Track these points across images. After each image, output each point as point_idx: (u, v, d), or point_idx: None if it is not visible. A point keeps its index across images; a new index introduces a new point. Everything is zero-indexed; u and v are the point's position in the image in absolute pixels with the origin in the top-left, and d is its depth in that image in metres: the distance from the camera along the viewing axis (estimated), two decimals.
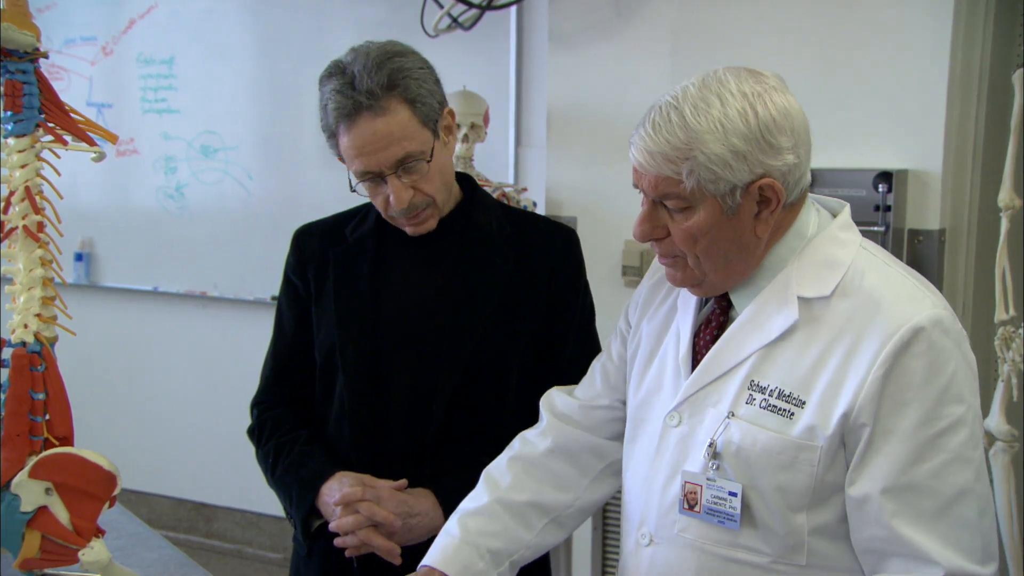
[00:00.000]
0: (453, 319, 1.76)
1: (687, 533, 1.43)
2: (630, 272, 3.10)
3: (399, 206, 1.67)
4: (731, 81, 1.34)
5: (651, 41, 3.05)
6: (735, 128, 1.31)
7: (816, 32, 2.79)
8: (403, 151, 1.64)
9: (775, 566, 1.37)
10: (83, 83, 4.41)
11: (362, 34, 3.67)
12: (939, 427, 1.29)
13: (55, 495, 1.47)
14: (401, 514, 1.68)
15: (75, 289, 4.47)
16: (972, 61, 2.76)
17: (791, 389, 1.35)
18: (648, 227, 1.40)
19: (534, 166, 3.54)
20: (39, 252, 1.53)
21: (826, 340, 1.35)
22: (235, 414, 2.27)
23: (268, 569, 4.34)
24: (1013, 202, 2.60)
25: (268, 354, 1.93)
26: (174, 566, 1.88)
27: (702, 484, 1.40)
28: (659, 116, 1.35)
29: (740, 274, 1.42)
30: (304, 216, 1.95)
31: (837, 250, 1.40)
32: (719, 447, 1.39)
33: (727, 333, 1.43)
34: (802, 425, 1.33)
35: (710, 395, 1.42)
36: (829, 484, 1.34)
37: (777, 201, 1.35)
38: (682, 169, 1.32)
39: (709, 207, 1.34)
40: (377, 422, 1.77)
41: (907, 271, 1.41)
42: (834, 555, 1.37)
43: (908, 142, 2.73)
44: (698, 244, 1.37)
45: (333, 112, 1.63)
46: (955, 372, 1.30)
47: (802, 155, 1.36)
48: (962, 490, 1.29)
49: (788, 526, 1.36)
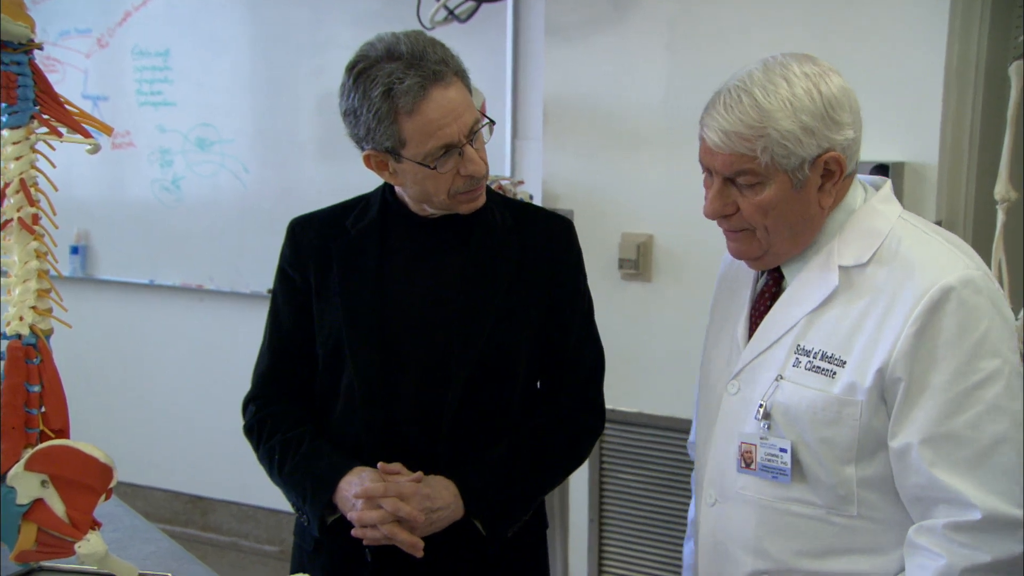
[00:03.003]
0: (463, 309, 1.76)
1: (746, 491, 1.55)
2: (627, 265, 3.11)
3: (481, 170, 1.70)
4: (793, 64, 1.46)
5: (648, 34, 3.05)
6: (803, 106, 1.42)
7: (812, 25, 2.80)
8: (473, 117, 1.68)
9: (829, 517, 1.48)
10: (78, 75, 4.40)
11: (358, 26, 3.71)
12: (974, 380, 1.37)
13: (51, 487, 1.48)
14: (424, 509, 1.68)
15: (71, 282, 4.46)
16: (968, 53, 2.76)
17: (833, 350, 1.46)
18: (719, 204, 1.51)
19: (530, 159, 3.54)
20: (34, 244, 1.53)
21: (864, 304, 1.46)
22: (231, 407, 2.27)
23: (264, 561, 4.35)
24: (1009, 194, 2.60)
25: (263, 349, 1.90)
26: (170, 558, 1.86)
27: (756, 444, 1.52)
28: (729, 98, 1.45)
29: (802, 244, 1.53)
30: (300, 209, 1.93)
31: (876, 221, 1.50)
32: (768, 408, 1.51)
33: (777, 304, 1.56)
34: (843, 383, 1.44)
35: (764, 362, 1.54)
36: (873, 438, 1.44)
37: (840, 173, 1.47)
38: (756, 146, 1.43)
39: (780, 181, 1.45)
40: (389, 413, 1.77)
41: (948, 238, 1.50)
42: (883, 507, 1.46)
43: (904, 135, 2.74)
44: (768, 216, 1.48)
45: (407, 91, 1.61)
46: (989, 328, 1.39)
47: (859, 131, 1.48)
48: (1000, 438, 1.37)
49: (837, 477, 1.46)
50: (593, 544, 3.27)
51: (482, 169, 1.70)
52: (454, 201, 1.73)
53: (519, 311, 1.79)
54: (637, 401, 3.13)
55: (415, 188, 1.73)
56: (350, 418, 1.79)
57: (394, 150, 1.67)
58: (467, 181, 1.70)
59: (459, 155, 1.66)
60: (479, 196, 1.75)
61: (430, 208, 1.77)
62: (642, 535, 3.21)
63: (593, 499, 3.24)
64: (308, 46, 3.94)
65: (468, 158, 1.67)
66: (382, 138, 1.66)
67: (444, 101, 1.63)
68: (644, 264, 3.11)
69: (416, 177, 1.69)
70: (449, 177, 1.69)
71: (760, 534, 1.54)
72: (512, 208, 1.87)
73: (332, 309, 1.79)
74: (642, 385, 3.12)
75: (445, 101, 1.63)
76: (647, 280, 3.13)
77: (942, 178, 2.75)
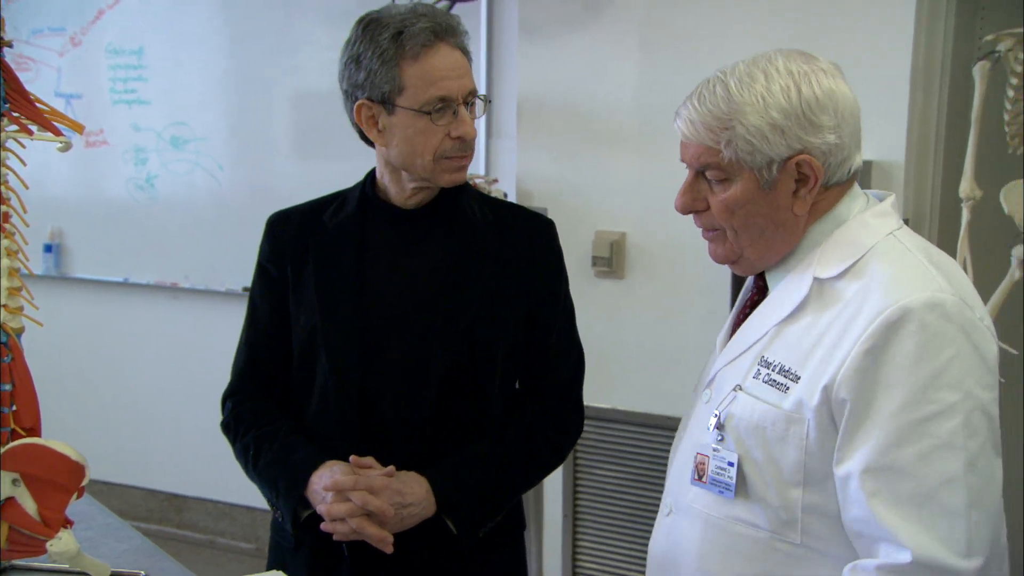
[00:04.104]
0: (442, 302, 1.76)
1: (695, 503, 1.48)
2: (600, 263, 3.13)
3: (472, 133, 1.71)
4: (780, 60, 1.39)
5: (619, 33, 3.08)
6: (776, 102, 1.36)
7: (780, 26, 2.82)
8: (472, 85, 1.71)
9: (772, 541, 1.40)
10: (52, 73, 4.37)
11: (331, 25, 3.73)
12: (927, 411, 1.27)
13: (23, 486, 1.47)
14: (395, 504, 1.67)
15: (44, 280, 4.44)
16: (934, 54, 2.80)
17: (791, 364, 1.39)
18: (689, 198, 1.46)
19: (505, 157, 3.55)
20: (5, 242, 1.52)
21: (828, 318, 1.37)
22: (207, 405, 2.27)
23: (240, 558, 4.33)
24: (974, 193, 2.64)
25: (241, 344, 1.90)
26: (143, 556, 1.85)
27: (708, 455, 1.45)
28: (705, 88, 1.41)
29: (777, 252, 1.45)
30: (274, 206, 1.93)
31: (862, 234, 1.41)
32: (723, 419, 1.44)
33: (754, 313, 1.49)
34: (793, 399, 1.36)
35: (730, 372, 1.48)
36: (822, 463, 1.35)
37: (815, 179, 1.38)
38: (721, 139, 1.38)
39: (746, 180, 1.39)
40: (364, 410, 1.76)
41: (934, 259, 1.40)
42: (829, 539, 1.37)
43: (872, 134, 2.71)
44: (734, 216, 1.42)
45: (417, 34, 1.64)
46: (953, 358, 1.28)
47: (846, 138, 1.38)
48: (948, 479, 1.26)
49: (781, 499, 1.38)
50: (567, 540, 3.29)
51: (472, 132, 1.71)
52: (438, 167, 1.71)
53: (498, 308, 1.78)
54: (611, 397, 3.15)
55: (402, 147, 1.70)
56: (325, 414, 1.78)
57: (389, 98, 1.67)
58: (455, 144, 1.69)
59: (453, 114, 1.68)
60: (463, 167, 1.74)
61: (409, 180, 1.75)
62: (616, 531, 3.23)
63: (567, 495, 3.25)
64: (282, 45, 3.94)
65: (461, 119, 1.69)
66: (381, 82, 1.66)
67: (450, 57, 1.67)
68: (617, 262, 3.14)
69: (406, 132, 1.68)
70: (439, 134, 1.68)
71: (705, 551, 1.46)
72: (493, 206, 1.87)
73: (308, 304, 1.78)
74: (616, 381, 3.13)
75: (452, 58, 1.67)
76: (620, 277, 3.16)
77: (909, 177, 2.78)
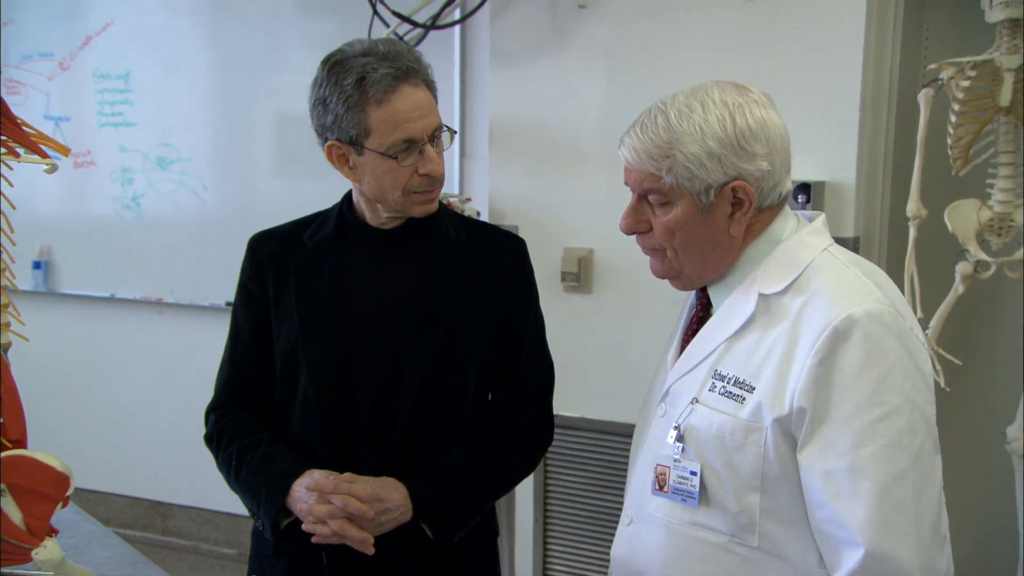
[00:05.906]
0: (416, 320, 1.79)
1: (657, 512, 1.54)
2: (568, 278, 3.19)
3: (439, 171, 1.75)
4: (715, 92, 1.46)
5: (587, 59, 3.14)
6: (713, 132, 1.43)
7: (736, 50, 2.90)
8: (436, 122, 1.74)
9: (730, 545, 1.46)
10: (40, 97, 4.41)
11: (312, 49, 3.80)
12: (876, 413, 1.35)
13: (8, 496, 1.47)
14: (374, 508, 1.69)
15: (33, 296, 4.48)
16: (882, 80, 2.87)
17: (745, 376, 1.45)
18: (633, 220, 1.53)
19: (478, 177, 3.59)
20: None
21: (777, 332, 1.44)
22: (191, 415, 2.30)
23: (223, 564, 4.36)
24: (920, 212, 2.72)
25: (224, 360, 1.93)
26: (127, 564, 1.88)
27: (670, 466, 1.51)
28: (647, 118, 1.48)
29: (715, 270, 1.53)
30: (257, 224, 1.97)
31: (800, 251, 1.49)
32: (683, 431, 1.50)
33: (703, 328, 1.55)
34: (750, 409, 1.43)
35: (684, 385, 1.54)
36: (779, 468, 1.42)
37: (749, 203, 1.46)
38: (662, 166, 1.45)
39: (686, 204, 1.46)
40: (344, 419, 1.79)
41: (867, 272, 1.49)
42: (786, 543, 1.44)
43: (824, 156, 2.83)
44: (675, 238, 1.49)
45: (379, 80, 1.66)
46: (893, 364, 1.37)
47: (777, 165, 1.47)
48: (898, 475, 1.35)
49: (740, 504, 1.44)
50: (538, 542, 3.33)
51: (439, 169, 1.74)
52: (408, 201, 1.75)
53: (471, 324, 1.82)
54: (579, 406, 3.20)
55: (372, 184, 1.75)
56: (306, 427, 1.81)
57: (357, 140, 1.70)
58: (423, 180, 1.73)
59: (419, 153, 1.71)
60: (433, 199, 1.79)
61: (384, 210, 1.80)
62: (584, 534, 3.28)
63: (538, 499, 3.30)
64: (264, 68, 3.98)
65: (428, 157, 1.72)
66: (348, 126, 1.69)
67: (413, 98, 1.69)
68: (585, 277, 3.20)
69: (375, 171, 1.72)
70: (407, 173, 1.72)
71: (666, 558, 1.52)
72: (467, 225, 1.91)
73: (289, 320, 1.82)
74: (583, 391, 3.18)
75: (414, 98, 1.69)
76: (588, 292, 3.21)
77: (859, 196, 2.84)
